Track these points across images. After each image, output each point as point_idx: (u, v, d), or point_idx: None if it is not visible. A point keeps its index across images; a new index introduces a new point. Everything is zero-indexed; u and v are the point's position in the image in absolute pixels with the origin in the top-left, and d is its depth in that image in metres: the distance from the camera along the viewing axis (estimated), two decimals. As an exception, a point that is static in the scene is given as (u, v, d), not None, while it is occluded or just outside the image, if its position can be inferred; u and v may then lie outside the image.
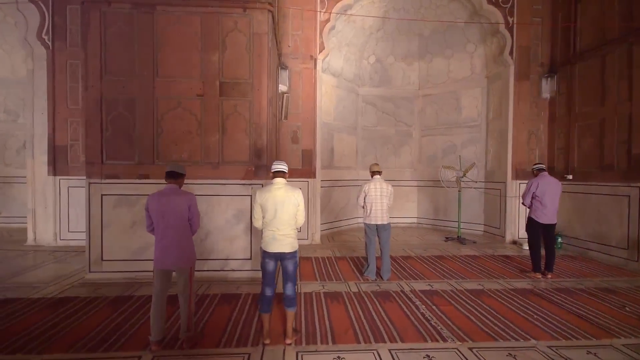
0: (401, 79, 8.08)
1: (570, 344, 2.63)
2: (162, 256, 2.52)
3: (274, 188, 2.60)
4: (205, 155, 4.07)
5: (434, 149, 7.87)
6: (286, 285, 2.67)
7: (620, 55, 4.92)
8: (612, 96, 5.06)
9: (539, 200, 4.26)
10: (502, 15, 6.23)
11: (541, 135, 6.40)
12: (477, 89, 7.22)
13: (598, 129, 5.31)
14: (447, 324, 2.95)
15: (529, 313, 3.20)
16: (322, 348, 2.55)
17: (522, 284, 4.08)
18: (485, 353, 2.49)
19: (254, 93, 4.11)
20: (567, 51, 5.94)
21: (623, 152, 4.89)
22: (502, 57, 6.38)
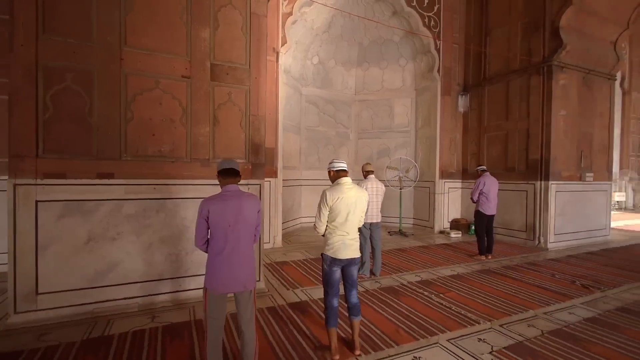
0: (340, 83, 8.42)
1: (561, 307, 3.34)
2: (230, 276, 1.98)
3: (346, 188, 2.39)
4: (192, 150, 3.35)
5: (369, 151, 8.51)
6: (351, 293, 2.49)
7: (521, 82, 6.45)
8: (514, 114, 6.58)
9: (485, 195, 5.20)
10: (433, 38, 7.27)
11: (458, 142, 7.76)
12: (408, 99, 8.19)
13: (503, 139, 6.81)
14: (465, 308, 3.30)
15: (507, 288, 3.88)
16: (393, 352, 2.49)
17: (477, 266, 4.88)
18: (514, 326, 2.92)
19: (252, 81, 3.62)
20: (478, 75, 7.38)
21: (523, 158, 6.42)
22: (432, 74, 7.44)
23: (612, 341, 2.67)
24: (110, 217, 3.02)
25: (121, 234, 3.07)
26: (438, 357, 2.42)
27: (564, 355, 2.45)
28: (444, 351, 2.50)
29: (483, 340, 2.67)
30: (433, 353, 2.47)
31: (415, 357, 2.42)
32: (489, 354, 2.46)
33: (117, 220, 3.05)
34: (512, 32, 6.65)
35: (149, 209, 3.18)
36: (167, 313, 3.08)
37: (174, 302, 3.27)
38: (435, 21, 7.29)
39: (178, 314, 3.07)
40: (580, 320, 3.05)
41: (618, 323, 3.00)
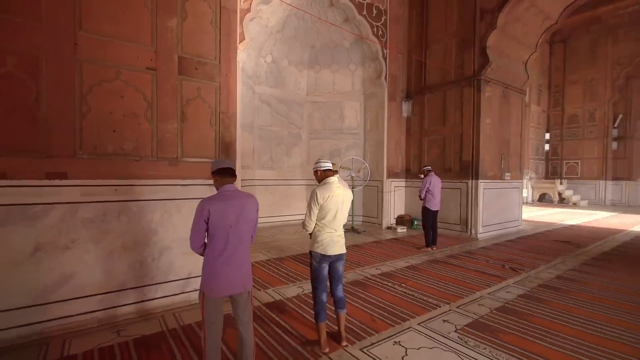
0: (293, 83, 8.47)
1: (500, 287, 3.91)
2: (231, 278, 1.94)
3: (334, 187, 2.50)
4: (159, 148, 3.12)
5: (321, 152, 8.73)
6: (337, 287, 2.62)
7: (455, 93, 7.29)
8: (450, 120, 7.41)
9: (431, 193, 5.78)
10: (381, 46, 7.78)
11: (402, 145, 8.43)
12: (357, 103, 8.61)
13: (441, 143, 7.62)
14: (425, 294, 3.67)
15: (454, 274, 4.41)
16: (374, 339, 2.68)
17: (426, 256, 5.42)
18: (468, 307, 3.36)
19: (222, 78, 3.49)
20: (420, 83, 8.11)
21: (457, 159, 7.28)
22: (380, 80, 7.95)
23: (542, 312, 3.26)
24: (62, 223, 2.66)
25: (76, 242, 2.72)
26: (414, 339, 2.68)
27: (512, 326, 2.92)
28: (418, 334, 2.78)
29: (447, 321, 3.03)
30: (409, 337, 2.73)
31: (396, 341, 2.65)
32: (454, 332, 2.80)
33: (71, 227, 2.69)
34: (448, 47, 7.48)
35: (110, 212, 2.87)
36: (134, 325, 2.83)
37: (140, 314, 3.01)
38: (383, 31, 7.81)
39: (147, 325, 2.84)
40: (516, 297, 3.64)
41: (544, 297, 3.66)
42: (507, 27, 6.86)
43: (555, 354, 2.49)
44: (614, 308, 3.36)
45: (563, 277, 4.41)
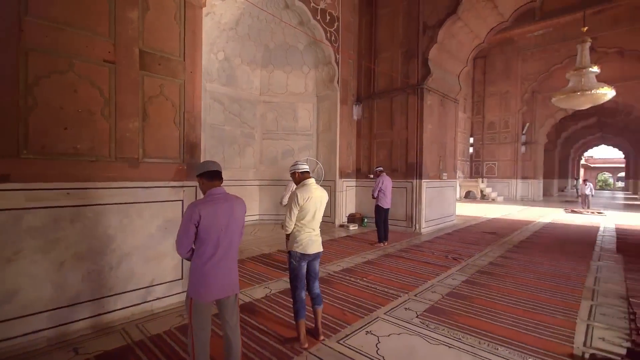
0: (246, 82, 8.31)
1: (446, 275, 4.39)
2: (221, 282, 1.92)
3: (313, 188, 2.60)
4: (118, 148, 2.88)
5: (274, 152, 8.72)
6: (314, 284, 2.73)
7: (401, 99, 7.89)
8: (397, 125, 8.00)
9: (383, 192, 6.20)
10: (333, 51, 8.06)
11: (353, 147, 8.83)
12: (310, 104, 8.78)
13: (389, 145, 8.18)
14: (385, 286, 3.98)
15: (407, 266, 4.83)
16: (348, 331, 2.85)
17: (380, 252, 5.81)
18: (423, 294, 3.73)
19: (187, 75, 3.35)
20: (369, 88, 8.59)
21: (403, 161, 7.89)
22: (332, 84, 8.23)
23: (482, 294, 3.77)
24: (3, 232, 2.32)
25: (21, 253, 2.40)
26: (383, 328, 2.92)
27: (461, 308, 3.34)
28: (385, 322, 3.03)
29: (408, 308, 3.34)
30: (379, 326, 2.96)
31: (367, 331, 2.85)
32: (416, 318, 3.11)
33: (14, 236, 2.37)
34: (394, 57, 8.06)
35: (61, 219, 2.58)
36: (93, 342, 2.59)
37: (97, 328, 2.75)
38: (335, 37, 8.10)
39: (107, 340, 2.62)
40: (460, 283, 4.14)
41: (481, 281, 4.22)
42: (445, 42, 7.64)
43: (496, 327, 2.93)
44: (534, 286, 4.04)
45: (494, 263, 5.12)
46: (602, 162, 42.51)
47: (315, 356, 2.45)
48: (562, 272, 4.63)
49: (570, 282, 4.20)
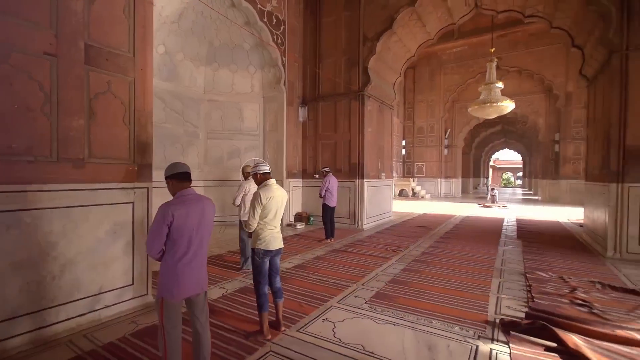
0: (189, 79, 7.99)
1: (388, 265, 4.89)
2: (192, 280, 1.99)
3: (274, 188, 2.77)
4: (61, 148, 2.68)
5: (220, 152, 8.53)
6: (276, 279, 2.90)
7: (345, 104, 8.38)
8: (341, 128, 8.48)
9: (330, 191, 6.57)
10: (280, 53, 8.21)
11: (299, 147, 9.08)
12: (256, 105, 8.79)
13: (333, 147, 8.62)
14: (335, 279, 4.31)
15: (353, 260, 5.24)
16: (307, 320, 3.09)
17: (328, 248, 6.16)
18: (370, 283, 4.15)
19: (137, 72, 3.23)
20: (314, 91, 8.93)
21: (347, 162, 8.40)
22: (279, 85, 8.37)
23: (418, 279, 4.33)
24: None
25: (-55, 266, 2.12)
26: (338, 314, 3.22)
27: (402, 292, 3.82)
28: (339, 310, 3.33)
29: (358, 296, 3.71)
30: (333, 313, 3.25)
31: (324, 319, 3.12)
32: (365, 304, 3.48)
33: (-64, 247, 2.09)
34: (338, 63, 8.53)
35: (-5, 225, 2.34)
36: (35, 357, 2.40)
37: (38, 343, 2.54)
38: (282, 40, 8.26)
39: (53, 353, 2.45)
40: (399, 271, 4.67)
41: (417, 268, 4.82)
42: (382, 53, 8.34)
43: (430, 305, 3.44)
44: (457, 269, 4.76)
45: (426, 252, 5.83)
46: (505, 164, 49.64)
47: (278, 345, 2.63)
48: (477, 257, 5.51)
49: (484, 264, 5.04)
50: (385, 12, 7.85)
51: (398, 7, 7.65)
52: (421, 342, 2.70)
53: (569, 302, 3.52)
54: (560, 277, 4.37)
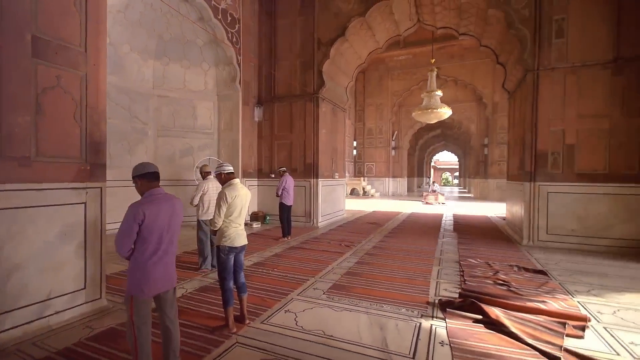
0: (136, 73, 7.56)
1: (343, 259, 5.22)
2: (163, 277, 2.06)
3: (239, 187, 2.90)
4: (4, 146, 2.52)
5: (171, 150, 8.20)
6: (240, 274, 3.03)
7: (300, 105, 8.61)
8: (296, 128, 8.69)
9: (286, 190, 6.75)
10: (235, 52, 8.16)
11: (255, 147, 9.10)
12: (210, 103, 8.61)
13: (289, 147, 8.80)
14: (294, 274, 4.52)
15: (310, 256, 5.50)
16: (270, 313, 3.26)
17: (285, 245, 6.33)
18: (327, 276, 4.44)
19: (90, 67, 3.10)
20: (270, 92, 9.01)
21: (302, 162, 8.63)
22: (234, 84, 8.31)
23: (370, 270, 4.72)
24: None
25: None
26: (298, 306, 3.44)
27: (356, 283, 4.17)
28: (300, 301, 3.56)
29: (316, 288, 3.97)
30: (294, 305, 3.47)
31: (286, 310, 3.32)
32: (324, 294, 3.75)
33: None
34: (293, 65, 8.72)
35: None
36: (-19, 369, 2.24)
37: (-18, 354, 2.37)
38: (237, 38, 8.21)
39: (2, 363, 2.31)
40: (353, 264, 5.04)
41: (369, 261, 5.23)
42: (336, 58, 8.73)
43: (381, 292, 3.83)
44: (403, 260, 5.27)
45: (376, 246, 6.32)
46: (445, 164, 54.03)
47: (244, 337, 2.78)
48: (421, 248, 6.12)
49: (426, 255, 5.64)
50: (338, 20, 8.24)
51: (350, 16, 8.09)
52: (374, 323, 3.04)
53: (492, 283, 4.16)
54: (486, 263, 5.09)
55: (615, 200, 5.95)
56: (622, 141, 5.92)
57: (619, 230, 5.93)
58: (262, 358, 2.46)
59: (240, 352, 2.55)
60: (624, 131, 5.90)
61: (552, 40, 6.27)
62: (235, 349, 2.59)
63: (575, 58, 6.14)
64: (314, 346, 2.63)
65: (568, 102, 6.20)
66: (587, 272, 4.73)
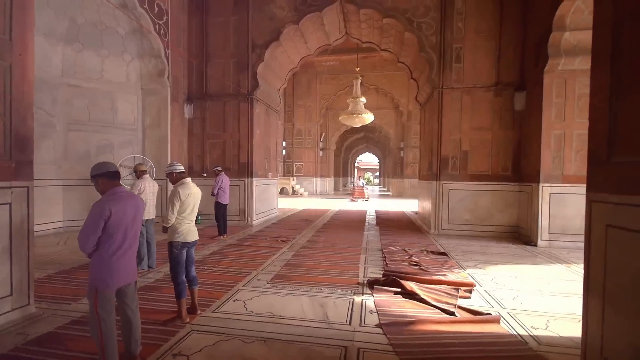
0: (41, 58, 6.65)
1: (281, 252, 5.57)
2: (126, 270, 2.16)
3: (191, 185, 3.06)
4: None
5: (86, 146, 7.42)
6: (192, 268, 3.18)
7: (234, 105, 8.64)
8: (230, 128, 8.69)
9: (222, 189, 6.79)
10: (163, 45, 7.79)
11: (185, 145, 8.78)
12: (134, 97, 8.02)
13: (222, 146, 8.75)
14: (237, 268, 4.73)
15: (249, 251, 5.72)
16: (219, 303, 3.46)
17: (222, 243, 6.39)
18: (268, 268, 4.75)
19: (15, 58, 2.87)
20: (201, 89, 8.81)
21: (236, 161, 8.68)
22: (162, 79, 7.92)
23: (307, 261, 5.19)
24: None
25: None
26: (246, 295, 3.70)
27: (296, 272, 4.57)
28: (246, 291, 3.82)
29: (260, 279, 4.26)
30: (242, 294, 3.72)
31: (234, 299, 3.56)
32: (267, 284, 4.08)
33: None
34: (227, 65, 8.70)
35: None
36: None
37: None
38: (165, 30, 7.85)
39: None
40: (291, 257, 5.44)
41: (304, 253, 5.70)
42: (270, 62, 9.00)
43: (319, 278, 4.32)
44: (336, 251, 5.89)
45: (310, 240, 6.83)
46: (367, 165, 58.20)
47: (198, 325, 2.95)
48: (350, 240, 6.85)
49: (354, 245, 6.37)
50: (273, 24, 8.52)
51: (284, 22, 8.45)
52: (315, 303, 3.50)
53: (407, 264, 5.02)
54: (403, 249, 6.02)
55: (495, 195, 7.56)
56: (500, 149, 7.56)
57: (497, 218, 7.56)
58: (218, 340, 2.69)
59: (197, 337, 2.73)
60: (501, 141, 7.55)
61: (452, 64, 7.64)
62: (191, 335, 2.76)
63: (469, 81, 7.60)
64: (265, 325, 2.96)
65: (464, 116, 7.64)
66: (475, 251, 6.00)
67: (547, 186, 6.48)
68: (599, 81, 2.14)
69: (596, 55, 2.21)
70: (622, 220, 1.92)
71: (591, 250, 2.18)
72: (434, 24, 7.69)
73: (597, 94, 2.15)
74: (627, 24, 1.97)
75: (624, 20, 1.99)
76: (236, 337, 2.73)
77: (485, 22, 7.47)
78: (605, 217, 2.06)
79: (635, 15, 1.90)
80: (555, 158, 6.48)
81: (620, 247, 1.92)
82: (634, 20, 1.91)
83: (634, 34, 1.90)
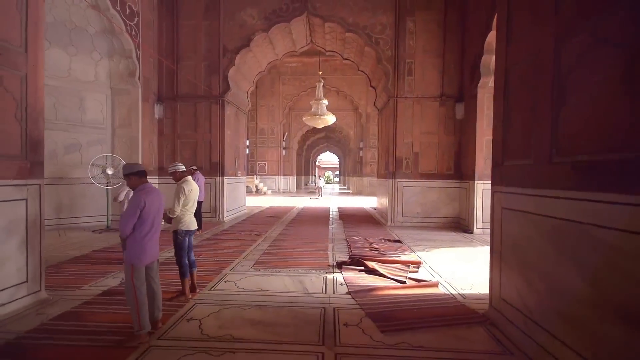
0: (6, 54, 6.53)
1: (257, 244, 6.17)
2: (154, 250, 2.70)
3: (192, 183, 3.61)
4: (-41, 144, 2.57)
5: (52, 145, 7.34)
6: (191, 253, 3.73)
7: (205, 106, 8.97)
8: (201, 128, 9.01)
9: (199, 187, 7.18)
10: (135, 46, 7.93)
11: (155, 145, 8.93)
12: (102, 96, 8.04)
13: (194, 146, 9.04)
14: (220, 258, 5.27)
15: (227, 244, 6.25)
16: (213, 284, 4.03)
17: (199, 238, 6.81)
18: (249, 256, 5.36)
19: (30, 68, 3.21)
20: (172, 90, 9.01)
21: (208, 160, 9.03)
22: (133, 79, 8.04)
23: (283, 249, 5.87)
24: None
25: None
26: (234, 276, 4.31)
27: (274, 258, 5.24)
28: (234, 274, 4.42)
29: (244, 265, 4.87)
30: (231, 277, 4.31)
31: (226, 280, 4.15)
32: (251, 268, 4.71)
33: None
34: (198, 67, 9.01)
35: None
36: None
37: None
38: (136, 31, 7.98)
39: (-31, 349, 2.46)
40: (267, 247, 6.08)
41: (279, 244, 6.36)
42: (240, 66, 9.46)
43: (295, 262, 5.03)
44: (306, 241, 6.63)
45: (282, 233, 7.50)
46: (328, 164, 59.68)
47: (200, 300, 3.53)
48: (317, 232, 7.64)
49: (322, 236, 7.16)
50: (243, 31, 8.99)
51: (254, 29, 8.96)
52: (295, 280, 4.21)
53: (368, 249, 5.92)
54: (364, 238, 6.94)
55: (441, 191, 8.80)
56: (445, 151, 8.82)
57: (443, 211, 8.81)
58: (220, 309, 3.30)
59: (202, 308, 3.32)
60: (445, 145, 8.81)
61: (405, 76, 8.74)
62: (196, 307, 3.33)
63: (419, 91, 8.75)
64: (257, 297, 3.62)
65: (415, 122, 8.78)
66: (424, 239, 7.11)
67: (480, 183, 7.79)
68: (497, 108, 3.13)
69: (497, 89, 3.20)
70: (509, 204, 2.91)
71: (494, 226, 3.16)
72: (389, 40, 8.72)
73: (496, 117, 3.14)
74: (512, 71, 2.95)
75: (511, 67, 2.97)
76: (235, 306, 3.36)
77: (431, 42, 8.66)
78: (501, 202, 3.04)
79: (516, 65, 2.88)
80: (487, 160, 7.81)
81: (508, 221, 2.91)
82: (515, 69, 2.89)
83: (515, 78, 2.89)
